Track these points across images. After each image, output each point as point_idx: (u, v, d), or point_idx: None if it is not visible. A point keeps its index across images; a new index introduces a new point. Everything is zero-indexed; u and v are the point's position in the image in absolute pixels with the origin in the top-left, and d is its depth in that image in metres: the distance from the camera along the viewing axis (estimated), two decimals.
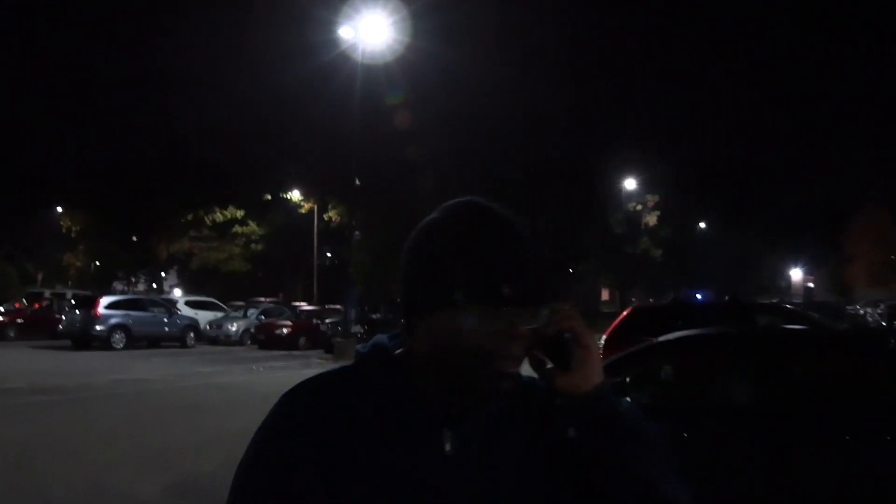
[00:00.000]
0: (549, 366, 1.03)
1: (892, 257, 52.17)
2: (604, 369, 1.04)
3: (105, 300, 23.72)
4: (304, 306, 33.48)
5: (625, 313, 11.26)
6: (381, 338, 1.12)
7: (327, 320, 25.88)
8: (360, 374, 1.08)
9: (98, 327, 22.78)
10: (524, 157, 36.46)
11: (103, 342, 22.70)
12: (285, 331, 25.51)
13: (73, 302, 25.66)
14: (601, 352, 1.06)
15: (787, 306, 14.77)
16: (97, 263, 50.42)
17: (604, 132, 45.14)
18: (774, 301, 29.90)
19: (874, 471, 4.56)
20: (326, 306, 30.93)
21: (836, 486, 4.61)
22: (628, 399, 1.09)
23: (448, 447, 1.01)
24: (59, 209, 50.74)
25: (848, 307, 34.35)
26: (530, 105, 37.32)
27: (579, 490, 1.01)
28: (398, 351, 1.09)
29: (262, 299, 34.90)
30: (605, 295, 69.27)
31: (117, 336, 23.10)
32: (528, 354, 1.03)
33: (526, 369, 1.04)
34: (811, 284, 69.55)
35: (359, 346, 1.14)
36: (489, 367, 0.99)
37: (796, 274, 71.30)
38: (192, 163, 42.96)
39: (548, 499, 1.03)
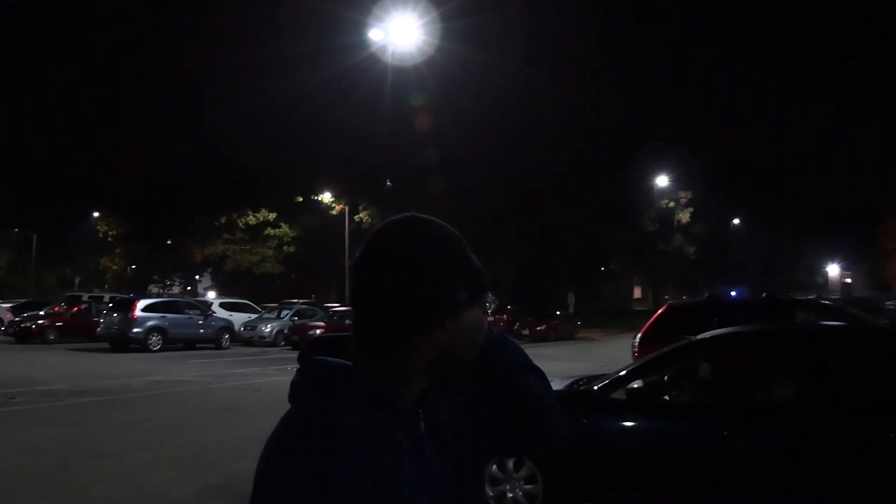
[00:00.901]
0: None
1: None
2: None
3: (142, 303, 24.08)
4: (337, 307, 33.69)
5: (660, 311, 11.12)
6: (336, 362, 1.12)
7: None
8: (345, 402, 1.08)
9: (135, 330, 23.14)
10: (554, 157, 36.26)
11: (141, 344, 23.07)
12: (318, 331, 25.65)
13: (110, 305, 26.09)
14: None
15: (825, 302, 14.48)
16: (133, 267, 51.30)
17: (635, 130, 44.68)
18: (812, 297, 29.38)
19: None
20: None
21: (878, 484, 4.50)
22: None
23: (422, 426, 1.17)
24: (96, 214, 51.69)
25: (887, 303, 33.62)
26: (560, 105, 37.09)
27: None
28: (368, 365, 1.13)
29: (295, 301, 35.14)
30: (637, 293, 68.72)
31: (154, 338, 23.47)
32: None
33: None
34: (849, 280, 68.25)
35: (306, 371, 1.14)
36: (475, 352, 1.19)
37: (833, 270, 70.02)
38: (225, 167, 43.50)
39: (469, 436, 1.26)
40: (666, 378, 5.77)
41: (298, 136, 43.52)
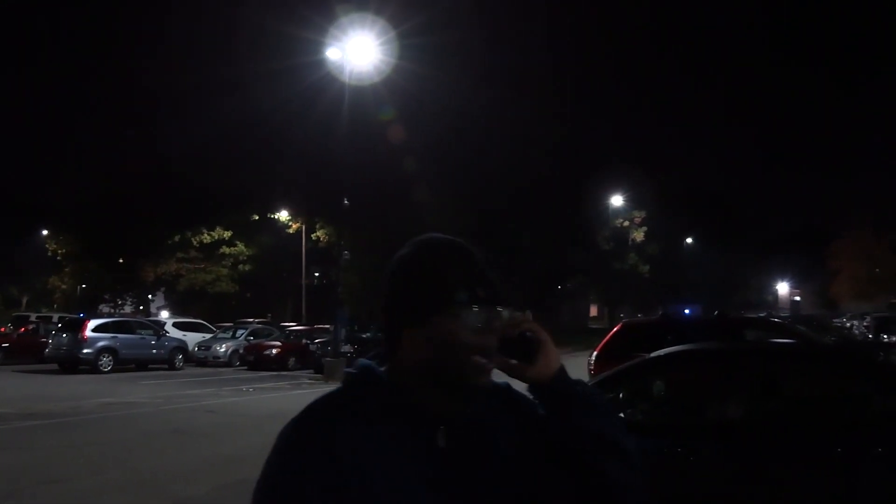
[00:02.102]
0: (514, 363, 1.26)
1: (877, 271, 52.67)
2: (597, 385, 1.27)
3: (92, 323, 23.50)
4: (293, 326, 33.32)
5: (615, 329, 11.29)
6: (364, 360, 1.27)
7: (317, 340, 25.75)
8: (355, 395, 1.21)
9: (85, 350, 22.56)
10: (512, 177, 36.58)
11: (91, 365, 22.48)
12: (274, 351, 25.37)
13: (59, 325, 25.42)
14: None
15: (775, 320, 14.86)
16: (83, 286, 50.06)
17: (592, 150, 45.34)
18: (762, 315, 30.06)
19: (866, 483, 4.59)
20: (315, 326, 30.77)
21: (828, 499, 4.63)
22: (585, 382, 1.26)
23: (441, 442, 1.19)
24: (45, 232, 50.38)
25: (834, 320, 34.55)
26: (518, 125, 37.49)
27: (555, 458, 1.25)
28: (382, 368, 1.25)
29: (251, 320, 34.69)
30: (593, 311, 69.42)
31: (105, 359, 22.89)
32: (495, 360, 1.23)
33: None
34: (798, 298, 70.06)
35: (347, 369, 1.28)
36: (473, 360, 1.19)
37: (783, 288, 71.81)
38: (179, 184, 42.79)
39: (532, 477, 1.25)
40: (620, 396, 5.85)
41: (255, 155, 43.12)
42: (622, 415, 5.82)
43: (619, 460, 1.23)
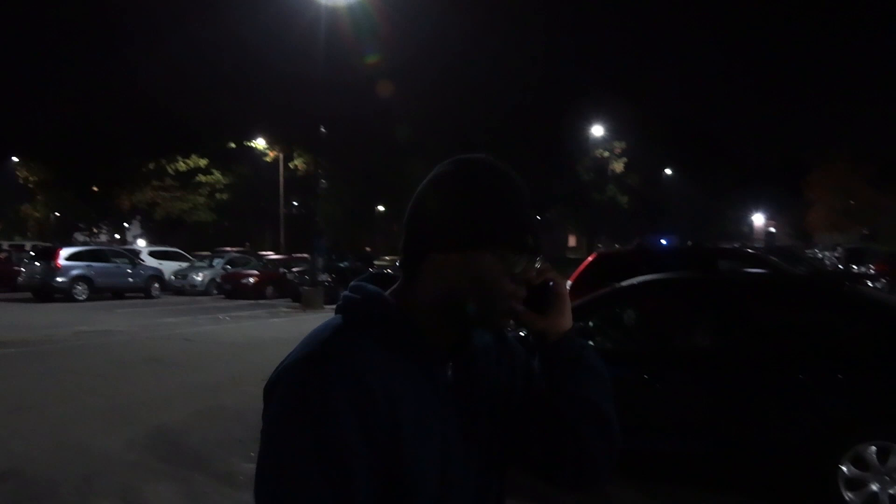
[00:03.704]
0: (526, 310, 1.17)
1: (851, 203, 53.21)
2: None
3: (65, 251, 23.25)
4: (271, 255, 33.23)
5: (589, 259, 11.31)
6: (368, 287, 1.15)
7: (294, 269, 25.71)
8: (366, 323, 1.10)
9: (59, 279, 22.42)
10: (492, 106, 36.14)
11: (65, 294, 22.38)
12: (252, 280, 25.35)
13: (32, 254, 25.14)
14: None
15: (749, 251, 14.98)
16: (57, 214, 49.39)
17: (572, 79, 44.80)
18: (736, 246, 30.35)
19: (826, 407, 4.70)
20: (293, 255, 30.74)
21: (791, 423, 4.74)
22: (590, 343, 1.19)
23: (449, 373, 1.14)
24: (15, 159, 49.30)
25: (807, 251, 35.04)
26: (499, 54, 36.85)
27: (537, 411, 1.21)
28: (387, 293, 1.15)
29: (229, 249, 34.52)
30: (572, 241, 69.86)
31: (79, 287, 22.77)
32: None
33: None
34: (773, 230, 70.91)
35: (346, 293, 1.16)
36: (503, 304, 1.12)
37: (759, 219, 72.50)
38: (153, 112, 41.86)
39: (522, 415, 1.22)
40: (591, 324, 5.89)
41: (231, 81, 42.29)
42: (591, 342, 5.88)
43: (600, 430, 1.18)
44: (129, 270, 24.63)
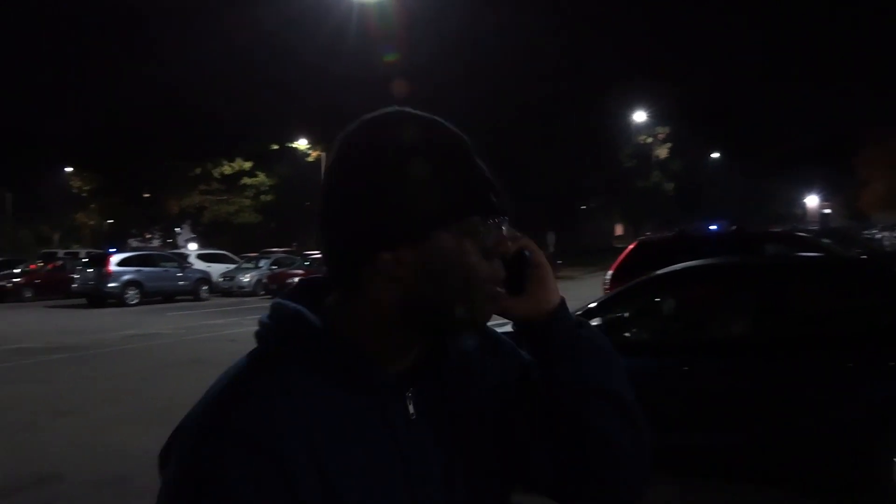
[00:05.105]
0: (500, 291, 0.91)
1: None
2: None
3: (116, 257, 23.83)
4: (317, 254, 33.50)
5: (631, 247, 11.08)
6: (288, 306, 0.87)
7: None
8: (288, 358, 0.84)
9: (111, 284, 22.96)
10: (527, 94, 35.80)
11: (117, 299, 22.91)
12: (297, 279, 25.53)
13: (85, 260, 25.81)
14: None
15: (799, 234, 14.49)
16: (110, 221, 50.64)
17: (611, 65, 44.15)
18: (784, 229, 29.53)
19: (879, 397, 4.44)
20: None
21: (841, 414, 4.49)
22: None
23: (411, 410, 0.88)
24: (69, 169, 50.73)
25: (864, 232, 33.92)
26: (534, 40, 36.48)
27: (542, 412, 0.96)
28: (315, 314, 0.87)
29: (276, 250, 34.94)
30: (618, 230, 68.98)
31: (131, 292, 23.29)
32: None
33: None
34: (828, 211, 68.84)
35: (261, 317, 0.89)
36: (483, 292, 0.87)
37: (812, 201, 70.54)
38: (197, 117, 42.59)
39: (513, 436, 0.96)
40: (626, 315, 5.71)
41: (271, 83, 42.68)
42: (627, 334, 5.70)
43: (620, 416, 0.94)
44: (177, 274, 25.11)
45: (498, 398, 0.97)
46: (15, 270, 28.12)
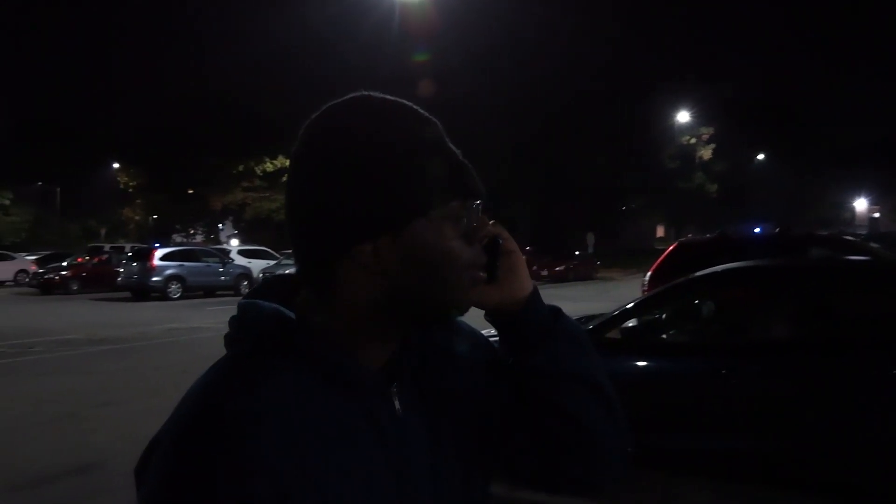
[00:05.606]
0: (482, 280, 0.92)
1: None
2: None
3: (159, 252, 24.29)
4: None
5: (670, 248, 10.94)
6: (262, 306, 0.84)
7: None
8: (267, 360, 0.80)
9: (154, 278, 23.43)
10: (570, 93, 35.61)
11: (160, 293, 23.36)
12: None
13: (129, 255, 26.36)
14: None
15: (847, 237, 14.15)
16: (154, 217, 51.70)
17: (655, 65, 43.63)
18: (830, 232, 28.83)
19: None
20: None
21: (886, 422, 4.36)
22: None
23: (397, 405, 0.87)
24: (116, 165, 51.93)
25: None
26: (578, 40, 36.28)
27: (520, 403, 0.95)
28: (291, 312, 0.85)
29: None
30: (660, 231, 68.18)
31: (173, 286, 23.73)
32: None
33: None
34: (877, 215, 67.05)
35: (231, 318, 0.86)
36: (465, 279, 0.86)
37: (861, 205, 68.77)
38: (239, 114, 43.25)
39: (490, 426, 0.96)
40: (663, 316, 5.63)
41: (308, 79, 43.13)
42: (665, 336, 5.62)
43: (597, 400, 0.94)
44: (219, 269, 25.51)
45: (477, 388, 0.96)
46: (62, 264, 28.85)
